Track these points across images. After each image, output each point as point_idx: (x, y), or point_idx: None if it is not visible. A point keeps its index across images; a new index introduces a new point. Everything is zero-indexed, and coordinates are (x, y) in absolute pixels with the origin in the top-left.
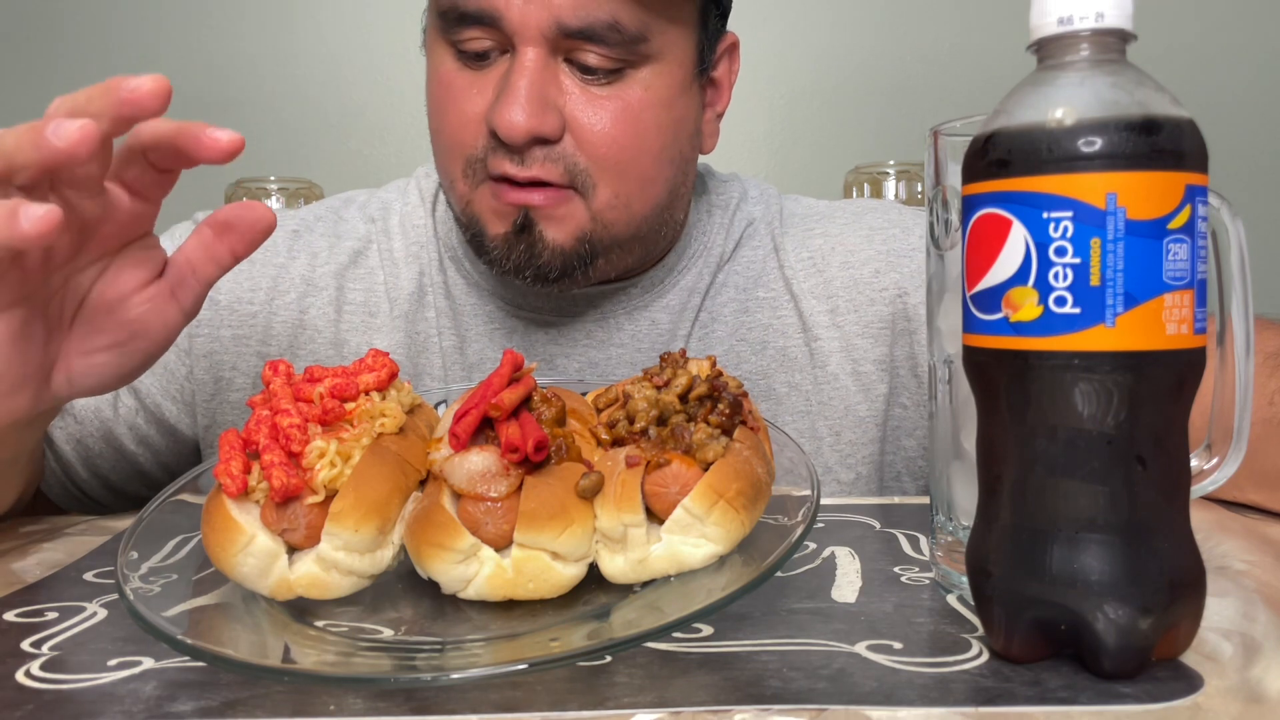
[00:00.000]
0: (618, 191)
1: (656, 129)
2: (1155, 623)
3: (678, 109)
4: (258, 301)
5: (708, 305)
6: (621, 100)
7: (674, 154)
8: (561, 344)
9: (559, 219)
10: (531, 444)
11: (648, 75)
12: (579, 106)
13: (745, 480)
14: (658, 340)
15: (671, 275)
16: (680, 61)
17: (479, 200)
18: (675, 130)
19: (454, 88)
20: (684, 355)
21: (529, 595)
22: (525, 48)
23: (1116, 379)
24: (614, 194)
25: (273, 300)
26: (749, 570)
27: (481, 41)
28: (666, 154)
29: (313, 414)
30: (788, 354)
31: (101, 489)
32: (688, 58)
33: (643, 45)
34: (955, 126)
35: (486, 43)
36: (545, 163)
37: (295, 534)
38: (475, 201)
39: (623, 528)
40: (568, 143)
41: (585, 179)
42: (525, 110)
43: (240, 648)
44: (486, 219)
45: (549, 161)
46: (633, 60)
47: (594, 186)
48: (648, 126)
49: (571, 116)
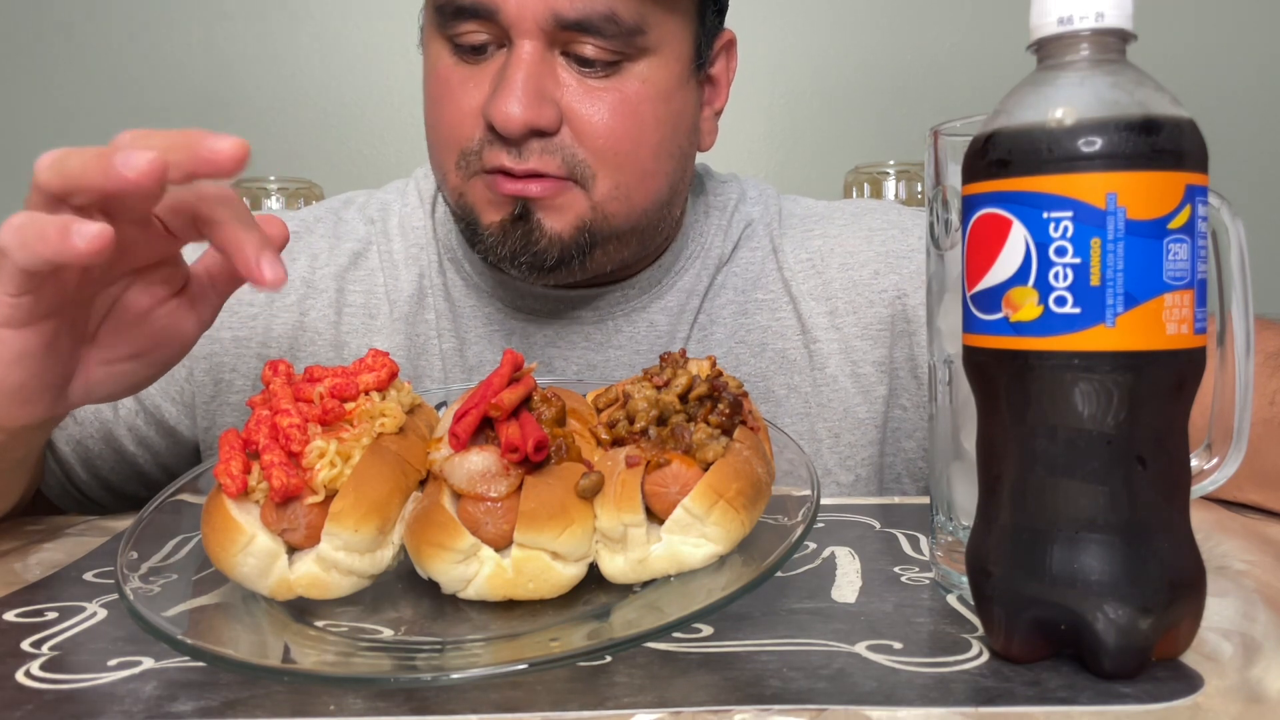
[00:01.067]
0: (618, 183)
1: (655, 122)
2: (1155, 623)
3: (675, 103)
4: (258, 303)
5: (706, 307)
6: (619, 93)
7: (673, 148)
8: (560, 346)
9: (558, 208)
10: (531, 444)
11: (645, 68)
12: (576, 99)
13: (745, 480)
14: (656, 342)
15: (669, 276)
16: (678, 55)
17: (472, 191)
18: (673, 124)
19: (450, 82)
20: (684, 355)
21: (529, 595)
22: (522, 40)
23: (1116, 379)
24: (614, 185)
25: (273, 302)
26: (749, 570)
27: (478, 35)
28: (665, 147)
29: (313, 414)
30: (787, 356)
31: (101, 490)
32: (685, 52)
33: (640, 38)
34: (955, 126)
35: (483, 36)
36: (543, 155)
37: (295, 534)
38: (469, 192)
39: (623, 528)
40: (565, 135)
41: (584, 170)
42: (521, 103)
43: (240, 648)
44: (481, 208)
45: (546, 154)
46: (630, 53)
47: (594, 178)
48: (646, 119)
49: (569, 109)
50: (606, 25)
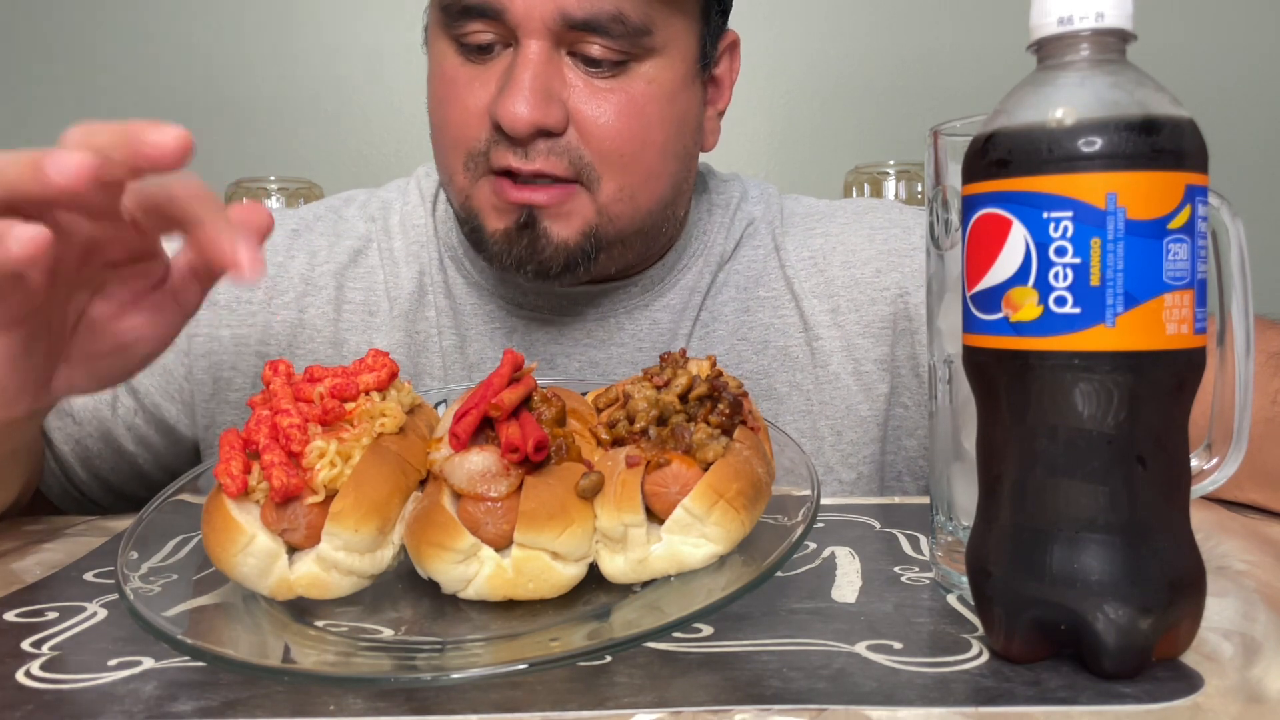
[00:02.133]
0: (623, 184)
1: (660, 122)
2: (1155, 623)
3: (680, 103)
4: (256, 301)
5: (708, 305)
6: (625, 93)
7: (677, 148)
8: (562, 343)
9: (564, 215)
10: (532, 444)
11: (651, 69)
12: (582, 99)
13: (745, 480)
14: (658, 340)
15: (672, 274)
16: (683, 56)
17: (478, 195)
18: (678, 124)
19: (456, 82)
20: (684, 355)
21: (529, 595)
22: (529, 40)
23: (1116, 379)
24: (619, 187)
25: (271, 300)
26: (749, 570)
27: (484, 34)
28: (670, 148)
29: (313, 414)
30: (789, 353)
31: (100, 490)
32: (690, 53)
33: (646, 38)
34: (955, 126)
35: (489, 36)
36: (549, 155)
37: (295, 534)
38: (475, 196)
39: (623, 528)
40: (571, 135)
41: (590, 172)
42: (529, 102)
43: (240, 648)
44: (486, 214)
45: (553, 154)
46: (636, 53)
47: (599, 180)
48: (651, 120)
49: (575, 109)
50: (614, 25)
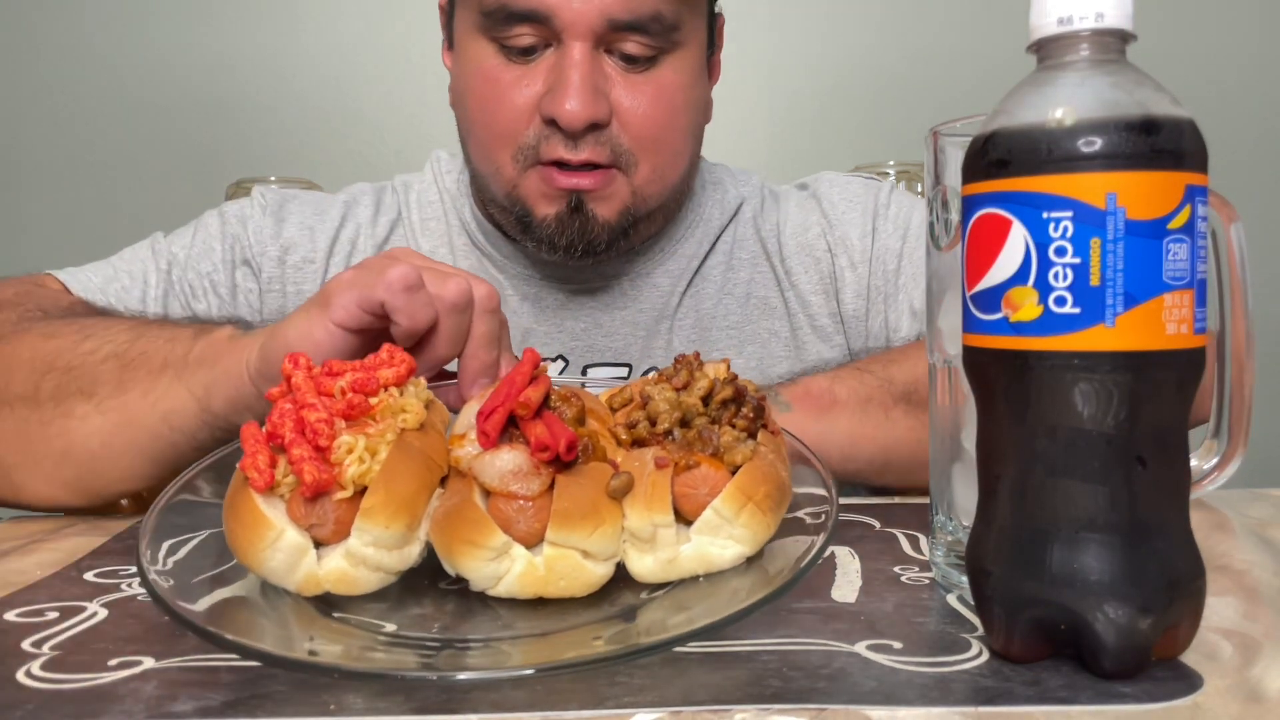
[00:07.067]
0: (655, 165)
1: (686, 108)
2: (1155, 623)
3: (698, 88)
4: (318, 259)
5: (701, 269)
6: (657, 85)
7: (696, 129)
8: (570, 308)
9: (606, 198)
10: (564, 444)
11: (676, 60)
12: (622, 93)
13: (772, 483)
14: (657, 301)
15: (672, 244)
16: (699, 45)
17: (526, 184)
18: (697, 108)
19: (501, 81)
20: (698, 358)
21: (560, 593)
22: (573, 41)
23: (1116, 379)
24: (652, 168)
25: (329, 258)
26: (776, 573)
27: (527, 37)
28: (692, 129)
29: (336, 408)
30: (768, 303)
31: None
32: (702, 41)
33: (675, 34)
34: (955, 126)
35: (531, 39)
36: (596, 146)
37: (323, 529)
38: (522, 185)
39: (652, 528)
40: (613, 126)
41: (628, 158)
42: (583, 100)
43: (265, 639)
44: (534, 201)
45: (599, 145)
46: (666, 48)
47: (635, 164)
48: (679, 106)
49: (616, 102)
50: (652, 24)
